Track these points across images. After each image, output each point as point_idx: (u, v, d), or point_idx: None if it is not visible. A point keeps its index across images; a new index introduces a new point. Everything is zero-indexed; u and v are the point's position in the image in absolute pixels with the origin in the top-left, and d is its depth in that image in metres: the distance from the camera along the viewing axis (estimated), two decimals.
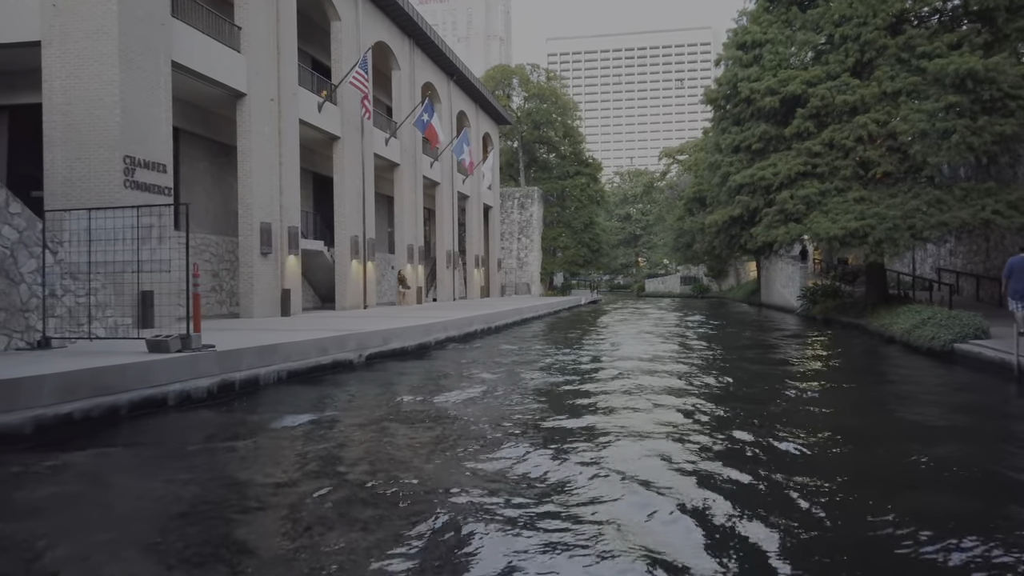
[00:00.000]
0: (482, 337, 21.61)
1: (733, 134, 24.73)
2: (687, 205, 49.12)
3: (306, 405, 10.12)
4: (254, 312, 20.28)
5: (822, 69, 22.36)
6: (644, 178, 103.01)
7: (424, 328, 17.67)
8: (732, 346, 19.18)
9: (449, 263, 38.44)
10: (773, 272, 42.13)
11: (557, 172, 58.94)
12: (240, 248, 20.41)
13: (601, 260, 60.90)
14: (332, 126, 25.42)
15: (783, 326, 26.98)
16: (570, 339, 21.18)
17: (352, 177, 26.61)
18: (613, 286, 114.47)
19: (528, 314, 30.04)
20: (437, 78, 36.88)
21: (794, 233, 22.05)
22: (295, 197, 22.59)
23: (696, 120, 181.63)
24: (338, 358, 13.63)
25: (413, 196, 33.18)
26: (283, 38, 21.98)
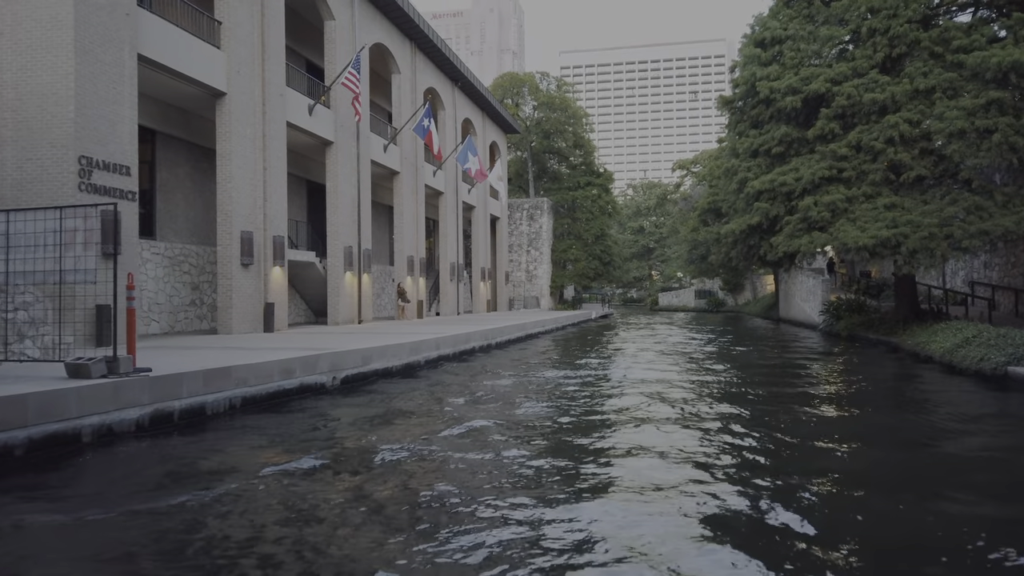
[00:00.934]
0: (480, 355, 20.00)
1: (751, 137, 23.07)
2: (701, 216, 47.39)
3: (232, 445, 8.53)
4: (233, 328, 18.78)
5: (848, 66, 20.69)
6: (657, 190, 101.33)
7: (412, 346, 16.08)
8: (752, 368, 17.44)
9: (453, 276, 36.90)
10: (792, 285, 40.26)
11: (568, 183, 57.39)
12: (218, 259, 18.95)
13: (613, 273, 59.15)
14: (324, 130, 24.01)
15: (805, 344, 25.17)
16: (574, 359, 19.54)
17: (346, 184, 25.17)
18: (626, 300, 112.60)
19: (533, 329, 28.39)
20: (440, 84, 35.51)
21: (819, 242, 20.32)
22: (281, 205, 21.14)
23: (710, 132, 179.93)
24: (306, 381, 12.05)
25: (414, 206, 31.72)
26: (269, 35, 20.61)
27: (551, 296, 54.26)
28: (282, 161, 21.20)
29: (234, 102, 18.98)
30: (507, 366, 17.15)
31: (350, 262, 25.14)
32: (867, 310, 28.12)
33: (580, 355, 20.48)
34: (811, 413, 10.55)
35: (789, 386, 13.69)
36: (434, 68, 34.52)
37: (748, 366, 17.57)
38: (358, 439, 8.71)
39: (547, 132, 55.95)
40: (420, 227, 32.35)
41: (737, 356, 20.43)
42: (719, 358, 19.52)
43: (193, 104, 19.86)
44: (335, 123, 24.62)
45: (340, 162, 24.79)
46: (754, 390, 13.16)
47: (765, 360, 19.42)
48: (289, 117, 21.82)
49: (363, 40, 26.74)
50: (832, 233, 20.01)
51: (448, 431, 8.94)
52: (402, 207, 30.69)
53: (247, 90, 19.52)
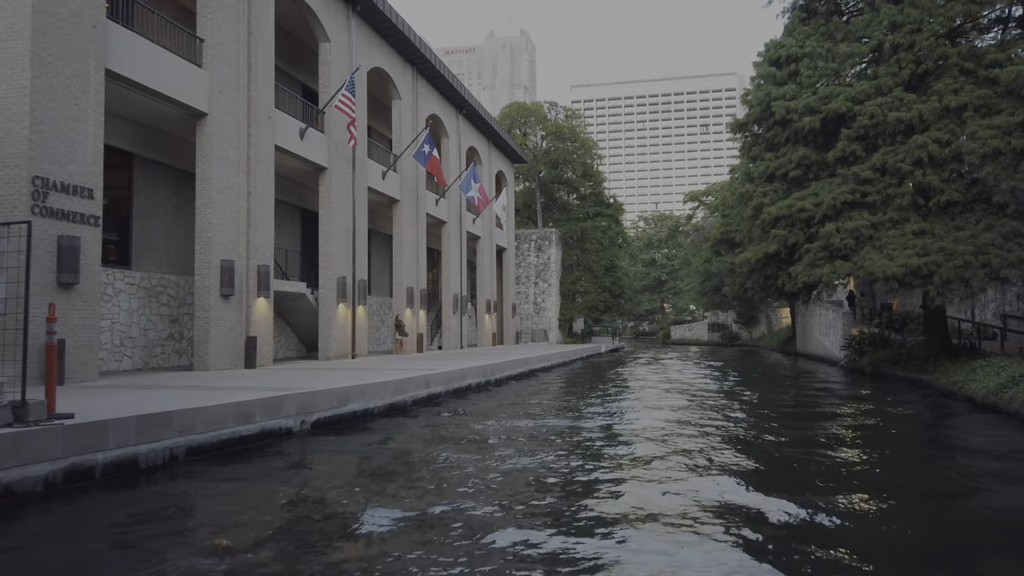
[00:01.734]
0: (476, 393, 18.54)
1: (767, 161, 21.75)
2: (714, 246, 45.97)
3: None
4: (210, 363, 17.44)
5: (870, 84, 19.40)
6: (669, 222, 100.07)
7: (397, 385, 14.65)
8: (771, 411, 15.87)
9: (456, 308, 35.56)
10: (810, 319, 38.62)
11: (577, 213, 56.23)
12: (196, 289, 17.68)
13: (623, 305, 57.66)
14: (317, 155, 22.91)
15: (827, 381, 23.52)
16: (579, 399, 18.04)
17: (341, 212, 23.99)
18: (638, 333, 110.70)
19: (536, 364, 26.90)
20: (444, 111, 34.56)
21: (842, 272, 18.84)
22: (268, 232, 19.94)
23: (722, 165, 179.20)
24: (269, 426, 10.64)
25: (414, 235, 30.52)
26: (257, 55, 19.61)
27: (560, 329, 52.77)
28: (269, 186, 20.05)
29: (216, 123, 17.88)
30: (503, 408, 15.67)
31: (343, 293, 23.86)
32: (892, 345, 26.48)
33: (586, 394, 18.98)
34: (844, 467, 9.01)
35: (815, 434, 12.13)
36: (437, 95, 33.60)
37: (768, 408, 16.00)
38: (293, 514, 7.27)
39: (555, 162, 54.94)
40: (421, 257, 31.13)
41: (755, 396, 18.85)
42: (736, 398, 17.96)
43: (174, 126, 18.80)
44: (329, 148, 23.54)
45: (334, 188, 23.65)
46: (777, 437, 11.62)
47: (786, 401, 17.84)
48: (278, 141, 20.74)
49: (361, 64, 25.79)
50: (856, 262, 18.54)
51: (418, 505, 7.49)
52: (402, 236, 29.49)
53: (231, 111, 18.45)
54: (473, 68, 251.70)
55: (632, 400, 16.92)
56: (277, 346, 24.59)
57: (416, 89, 30.86)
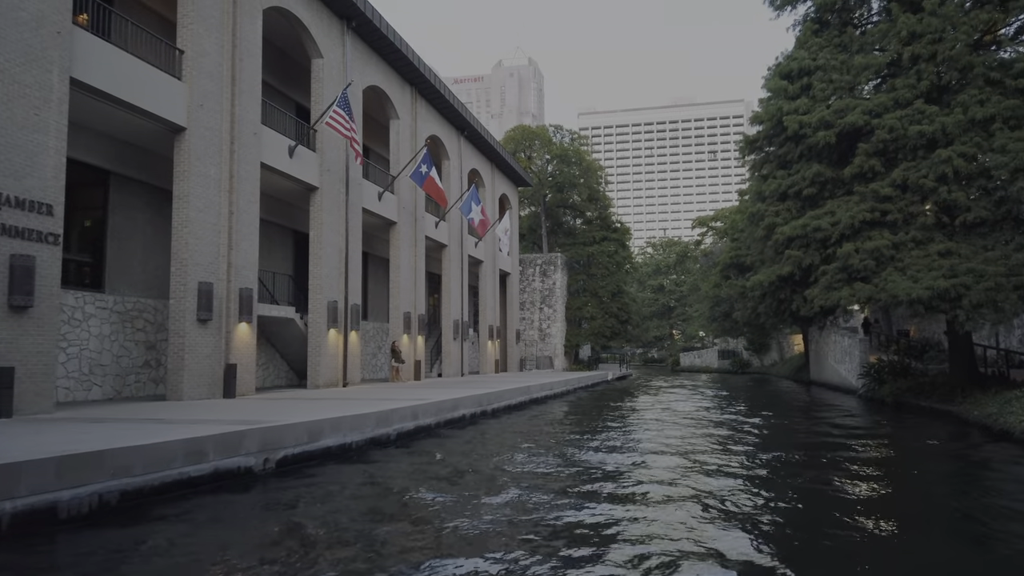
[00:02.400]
0: (470, 425, 17.31)
1: (778, 179, 20.63)
2: (723, 271, 44.73)
3: None
4: (184, 393, 16.30)
5: (888, 96, 18.32)
6: (677, 248, 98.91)
7: (380, 416, 13.45)
8: (786, 447, 14.57)
9: (457, 334, 34.38)
10: (825, 345, 37.21)
11: (583, 238, 55.15)
12: (171, 313, 16.59)
13: (631, 332, 56.32)
14: (308, 174, 21.95)
15: (845, 412, 22.14)
16: (580, 432, 16.79)
17: (332, 233, 22.98)
18: (647, 360, 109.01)
19: (538, 393, 25.62)
20: (445, 132, 33.70)
21: (862, 295, 17.60)
22: (251, 254, 18.90)
23: (730, 192, 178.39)
24: (224, 465, 9.46)
25: (412, 258, 29.47)
26: (242, 69, 18.73)
27: (565, 356, 51.43)
28: (254, 206, 19.05)
29: (195, 138, 16.93)
30: (495, 442, 14.44)
31: (334, 318, 22.75)
32: (913, 373, 25.11)
33: (588, 427, 17.71)
34: (881, 522, 7.75)
35: (841, 475, 10.84)
36: (437, 116, 32.76)
37: (785, 445, 14.69)
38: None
39: (561, 185, 54.01)
40: (419, 281, 30.04)
41: (770, 428, 17.52)
42: (749, 432, 16.65)
43: (153, 142, 17.87)
44: (320, 167, 22.59)
45: (325, 209, 22.66)
46: (795, 479, 10.34)
47: (804, 434, 16.51)
48: (265, 159, 19.79)
49: (357, 82, 24.95)
50: (878, 284, 17.30)
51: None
52: (399, 259, 28.44)
53: (212, 126, 17.51)
54: (481, 97, 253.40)
55: (636, 435, 15.64)
56: (265, 374, 23.45)
57: (415, 109, 30.01)
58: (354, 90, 24.64)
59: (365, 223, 27.84)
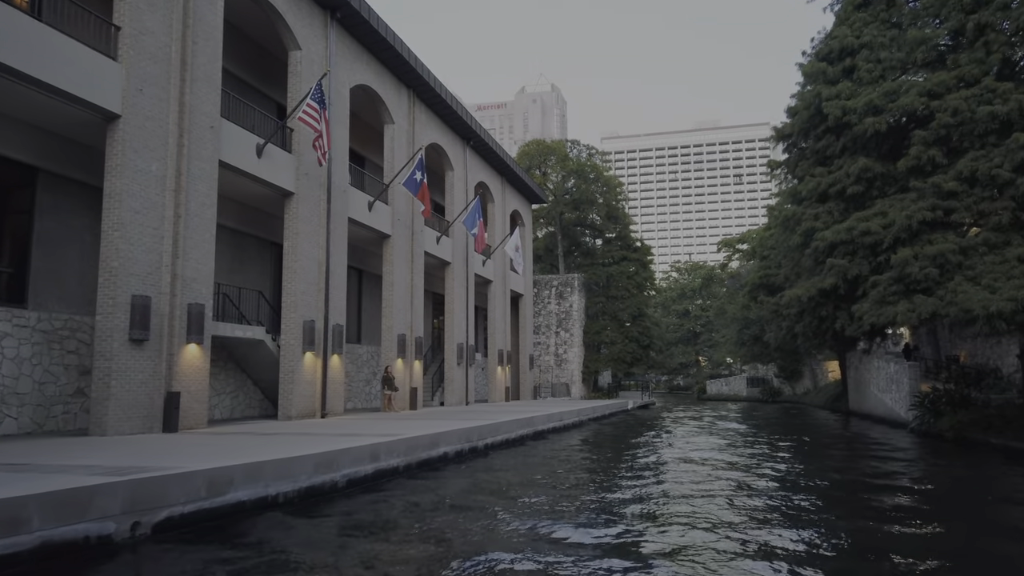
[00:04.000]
0: (452, 465, 14.50)
1: (817, 177, 17.75)
2: (752, 292, 41.57)
3: None
4: (109, 426, 13.70)
5: (950, 74, 15.44)
6: (702, 271, 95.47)
7: (323, 459, 10.68)
8: (832, 503, 11.57)
9: (461, 359, 31.62)
10: (866, 372, 33.83)
11: (602, 258, 52.29)
12: (96, 332, 14.08)
13: (654, 357, 53.11)
14: (282, 178, 19.51)
15: (896, 450, 18.97)
16: (586, 477, 13.92)
17: (310, 245, 20.48)
18: (672, 387, 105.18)
19: (543, 425, 22.70)
20: (448, 140, 31.27)
21: (924, 310, 14.57)
22: (204, 265, 16.39)
23: (757, 216, 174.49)
24: (58, 536, 6.76)
25: (408, 275, 26.87)
26: (197, 53, 16.39)
27: (583, 383, 48.36)
28: (209, 209, 16.59)
29: (132, 127, 14.53)
30: (473, 493, 11.62)
31: (311, 340, 20.14)
32: (974, 404, 21.85)
33: (597, 468, 14.82)
34: None
35: (908, 547, 7.88)
36: (439, 122, 30.35)
37: (837, 495, 11.68)
38: None
39: (578, 203, 51.30)
40: (416, 300, 27.40)
41: (815, 474, 14.48)
42: (789, 478, 13.64)
43: (90, 135, 15.49)
44: (297, 170, 20.16)
45: (302, 217, 20.18)
46: (852, 550, 7.41)
47: (855, 482, 13.46)
48: (227, 156, 17.38)
49: (343, 80, 22.62)
50: (943, 296, 14.29)
51: None
52: (392, 276, 25.84)
53: (154, 115, 15.11)
54: (504, 123, 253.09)
55: (651, 487, 12.72)
56: (234, 403, 20.86)
57: (413, 113, 27.61)
58: (339, 88, 22.30)
59: (355, 236, 25.36)
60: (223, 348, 20.38)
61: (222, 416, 20.24)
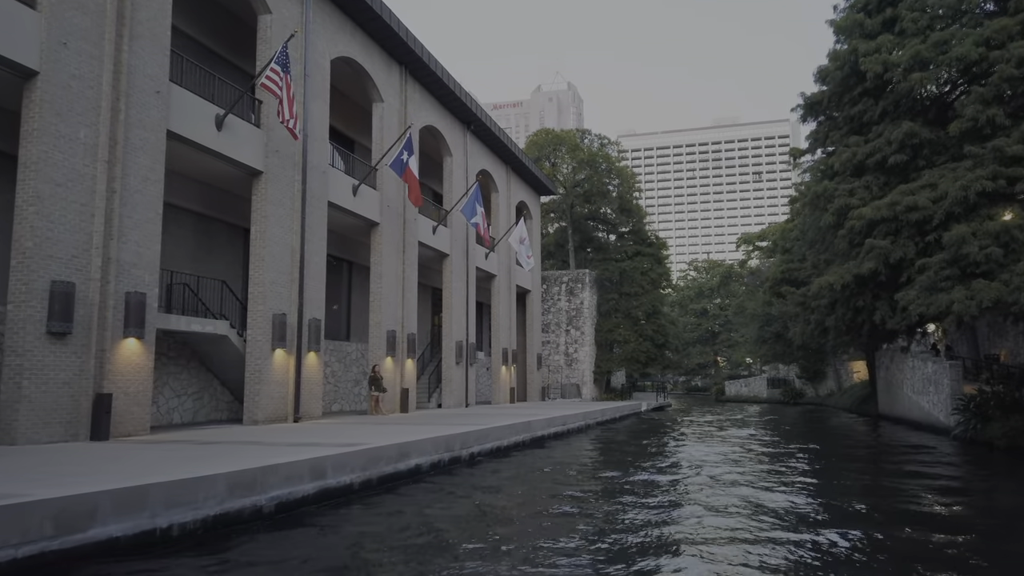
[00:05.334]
0: (426, 479, 12.34)
1: (852, 147, 15.38)
2: (774, 287, 39.05)
3: None
4: (18, 434, 11.67)
5: (1013, 20, 13.04)
6: (721, 269, 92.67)
7: (239, 480, 8.53)
8: (870, 535, 9.27)
9: (460, 358, 29.47)
10: (898, 373, 31.27)
11: (615, 254, 49.92)
12: (7, 324, 12.07)
13: (669, 357, 50.67)
14: (246, 155, 17.47)
15: (940, 462, 16.55)
16: (576, 512, 11.73)
17: (280, 229, 18.42)
18: (690, 388, 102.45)
19: (543, 430, 20.48)
20: (445, 123, 29.13)
21: (985, 297, 12.21)
22: (148, 249, 14.36)
23: (776, 214, 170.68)
24: None
25: (398, 266, 24.76)
26: (136, 5, 14.36)
27: (595, 384, 46.05)
28: (154, 186, 14.55)
29: (53, 86, 12.52)
30: (433, 522, 9.45)
31: (281, 335, 18.07)
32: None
33: (598, 484, 12.62)
34: None
35: None
36: (435, 103, 28.21)
37: (893, 533, 9.38)
38: None
39: (589, 195, 48.95)
40: (408, 293, 25.26)
41: (854, 494, 12.16)
42: (825, 501, 11.35)
43: (3, 95, 13.50)
44: (266, 146, 18.12)
45: (271, 199, 18.13)
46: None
47: (902, 502, 11.13)
48: (176, 126, 15.35)
49: (323, 51, 20.56)
50: (1010, 281, 11.92)
51: None
52: (381, 267, 23.73)
53: (81, 73, 13.09)
54: (520, 122, 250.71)
55: (660, 514, 10.49)
56: (197, 405, 18.84)
57: (405, 92, 25.49)
58: (318, 60, 20.26)
59: (339, 223, 23.32)
60: (185, 345, 18.39)
61: (183, 420, 18.24)
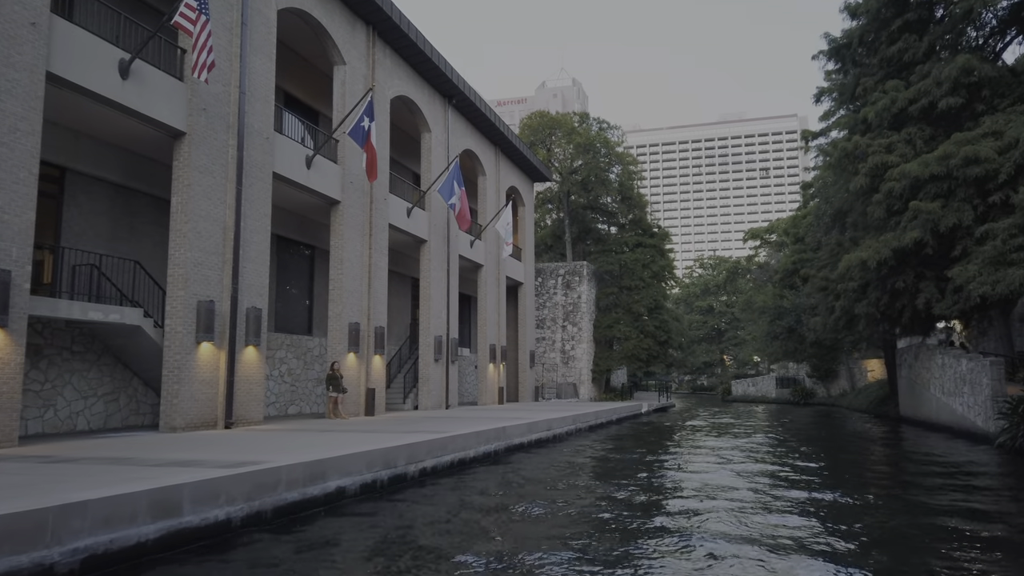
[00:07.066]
0: (356, 504, 9.53)
1: (891, 93, 12.47)
2: (784, 279, 36.09)
3: None
4: None
5: None
6: (727, 264, 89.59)
7: (34, 525, 5.73)
8: None
9: (439, 355, 26.66)
10: (924, 371, 28.28)
11: (614, 245, 47.05)
12: None
13: (673, 355, 47.78)
14: (162, 111, 14.69)
15: (987, 473, 13.66)
16: (510, 549, 8.90)
17: (207, 201, 15.64)
18: (695, 387, 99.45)
19: (522, 437, 17.61)
20: (423, 96, 26.30)
21: None
22: (19, 217, 11.59)
23: (784, 211, 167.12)
24: None
25: (363, 251, 21.96)
26: None
27: (593, 383, 43.20)
28: (27, 138, 11.79)
29: None
30: None
31: (208, 326, 15.29)
32: None
33: (572, 520, 9.80)
34: None
35: None
36: (409, 70, 25.38)
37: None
38: None
39: (587, 183, 46.07)
40: (376, 283, 22.45)
41: (894, 523, 9.28)
42: (848, 523, 8.48)
43: None
44: (190, 103, 15.34)
45: (196, 165, 15.35)
46: None
47: (956, 543, 8.25)
48: (60, 69, 12.60)
49: (271, 2, 17.79)
50: None
51: None
52: (342, 252, 20.94)
53: None
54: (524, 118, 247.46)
55: (636, 552, 7.66)
56: (109, 409, 16.06)
57: (372, 54, 22.68)
58: (259, 8, 17.48)
59: (294, 201, 20.60)
60: (94, 338, 15.63)
61: (90, 426, 15.47)
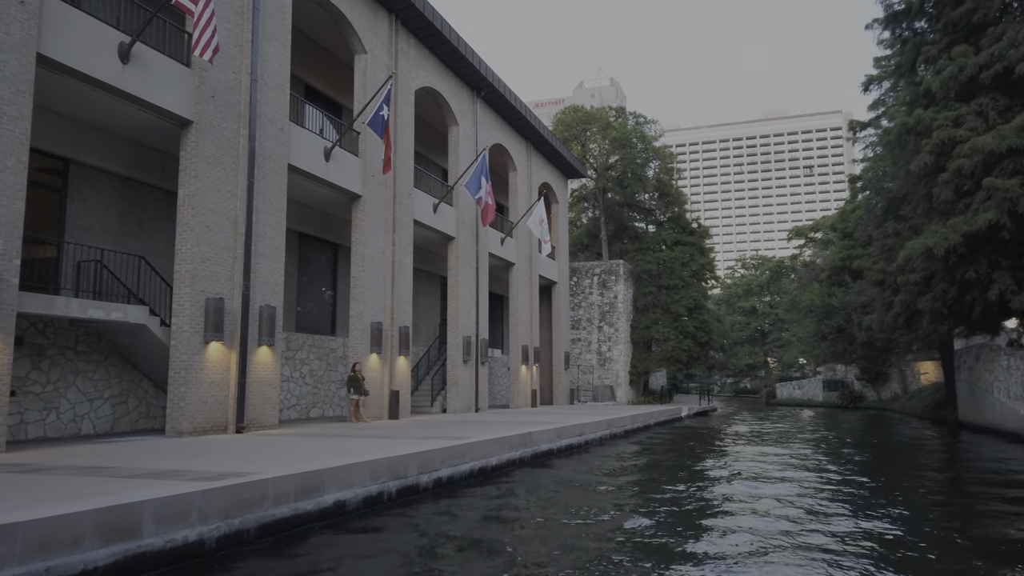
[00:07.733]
0: (350, 523, 8.55)
1: (958, 59, 11.06)
2: (832, 276, 34.29)
3: None
4: None
5: None
6: (771, 264, 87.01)
7: None
8: None
9: (468, 356, 25.67)
10: (986, 373, 26.36)
11: (651, 243, 45.57)
12: None
13: (714, 356, 46.08)
14: (167, 99, 13.97)
15: None
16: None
17: (215, 193, 14.87)
18: (738, 390, 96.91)
19: (550, 443, 16.47)
20: (450, 87, 25.37)
21: None
22: (8, 207, 10.90)
23: (829, 210, 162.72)
24: None
25: (387, 247, 21.08)
26: None
27: (631, 385, 41.80)
28: (15, 123, 11.11)
29: None
30: None
31: (217, 325, 14.51)
32: None
33: (590, 544, 8.67)
34: None
35: None
36: (434, 61, 24.46)
37: None
38: None
39: (623, 180, 44.68)
40: (400, 280, 21.56)
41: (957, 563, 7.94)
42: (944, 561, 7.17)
43: None
44: (197, 90, 14.60)
45: (203, 156, 14.59)
46: None
47: None
48: (53, 51, 11.92)
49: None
50: None
51: None
52: (364, 248, 20.09)
53: None
54: None
55: None
56: (117, 412, 15.39)
57: (395, 43, 21.83)
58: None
59: (314, 196, 19.83)
60: (101, 338, 14.97)
61: (96, 430, 14.80)
